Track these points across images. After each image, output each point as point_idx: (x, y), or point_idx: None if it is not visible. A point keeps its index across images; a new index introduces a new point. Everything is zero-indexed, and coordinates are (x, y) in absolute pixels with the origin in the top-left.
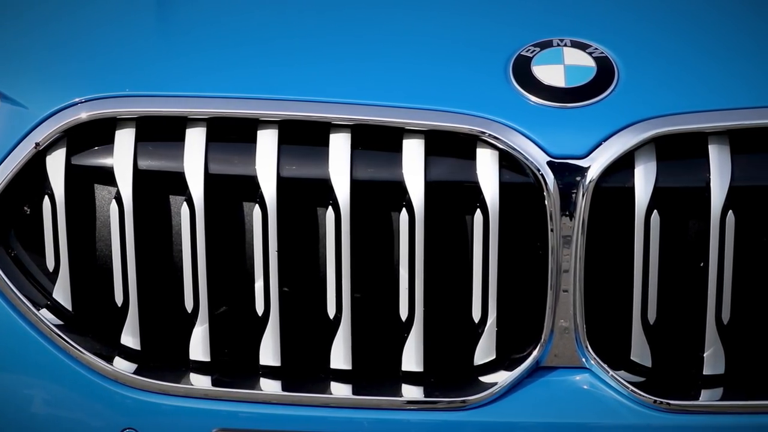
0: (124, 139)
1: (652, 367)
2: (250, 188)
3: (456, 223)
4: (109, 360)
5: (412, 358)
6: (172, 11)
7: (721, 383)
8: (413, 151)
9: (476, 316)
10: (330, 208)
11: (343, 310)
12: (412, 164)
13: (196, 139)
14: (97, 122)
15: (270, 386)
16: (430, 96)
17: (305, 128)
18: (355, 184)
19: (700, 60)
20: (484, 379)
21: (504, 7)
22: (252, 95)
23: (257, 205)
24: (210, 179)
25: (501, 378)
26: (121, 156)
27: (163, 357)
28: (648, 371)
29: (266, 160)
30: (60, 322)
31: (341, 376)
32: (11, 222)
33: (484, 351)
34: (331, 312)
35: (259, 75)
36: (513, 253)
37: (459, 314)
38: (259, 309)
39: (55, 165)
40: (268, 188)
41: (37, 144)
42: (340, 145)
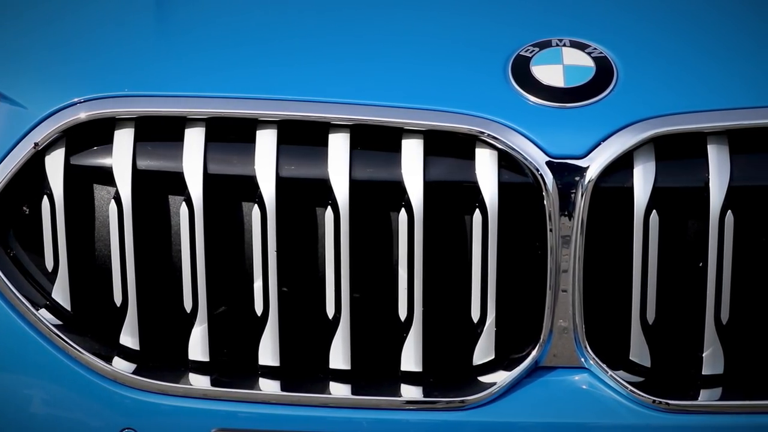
0: (123, 139)
1: (651, 367)
2: (249, 188)
3: (455, 223)
4: (108, 360)
5: (411, 358)
6: (171, 11)
7: (720, 383)
8: (412, 151)
9: (475, 316)
10: (329, 208)
11: (342, 310)
12: (411, 164)
13: (195, 139)
14: (96, 122)
15: (269, 386)
16: (429, 96)
17: (304, 128)
18: (354, 184)
19: (699, 60)
20: (483, 379)
21: (503, 7)
22: (251, 95)
23: (256, 205)
24: (209, 179)
25: (500, 378)
26: (120, 156)
27: (162, 357)
28: (647, 371)
29: (265, 160)
30: (59, 322)
31: (340, 376)
32: (10, 222)
33: (483, 351)
34: (330, 312)
35: (258, 75)
36: (512, 253)
37: (458, 314)
38: (258, 309)
39: (54, 165)
40: (267, 188)
41: (36, 144)
42: (339, 145)
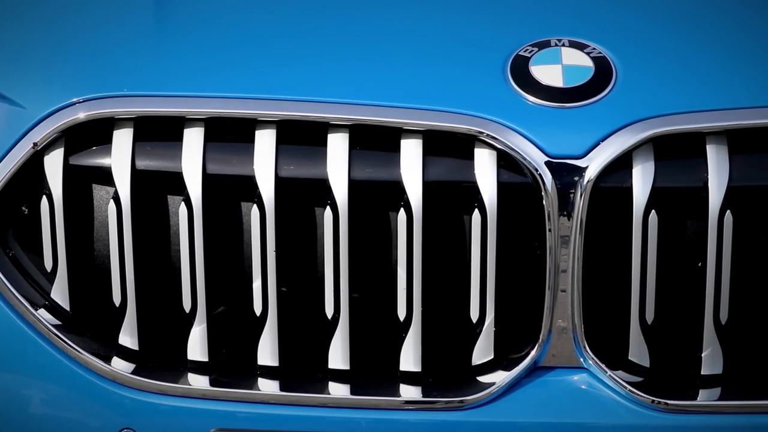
0: (122, 139)
1: (650, 367)
2: (248, 188)
3: (454, 223)
4: (107, 360)
5: (410, 358)
6: (170, 12)
7: (719, 383)
8: (411, 151)
9: (474, 316)
10: (328, 208)
11: (341, 310)
12: (410, 164)
13: (194, 139)
14: (95, 122)
15: (268, 386)
16: (428, 96)
17: (303, 128)
18: (353, 184)
19: (698, 60)
20: (482, 379)
21: (502, 6)
22: (250, 95)
23: (255, 205)
24: (208, 179)
25: (499, 378)
26: (119, 156)
27: (161, 357)
28: (646, 371)
29: (264, 160)
30: (58, 322)
31: (339, 376)
32: (9, 222)
33: (482, 351)
34: (329, 312)
35: (257, 75)
36: (511, 253)
37: (457, 314)
38: (257, 309)
39: (53, 165)
40: (266, 188)
41: (35, 144)
42: (338, 145)
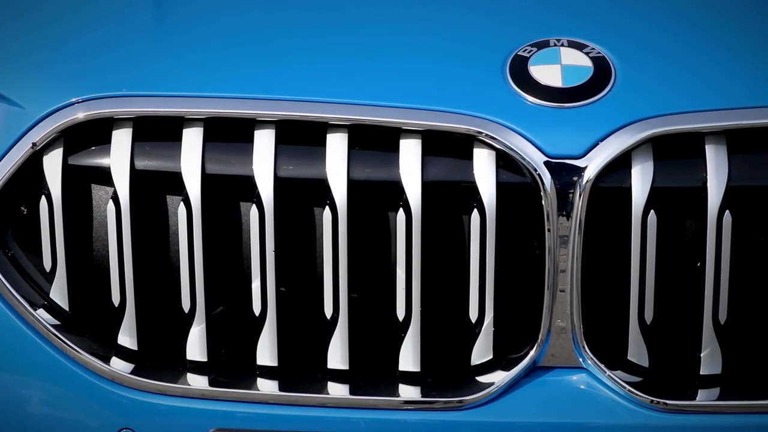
0: (121, 139)
1: (649, 367)
2: (247, 188)
3: (453, 223)
4: (106, 360)
5: (409, 358)
6: (170, 12)
7: (718, 383)
8: (410, 151)
9: (473, 316)
10: (327, 208)
11: (340, 310)
12: (409, 164)
13: (193, 139)
14: (94, 122)
15: (267, 386)
16: (427, 96)
17: (302, 128)
18: (352, 184)
19: (697, 59)
20: (481, 379)
21: (501, 6)
22: (249, 95)
23: (254, 205)
24: (207, 179)
25: (498, 378)
26: (118, 156)
27: (160, 357)
28: (645, 371)
29: (263, 160)
30: (57, 322)
31: (338, 376)
32: (8, 222)
33: (481, 351)
34: (328, 312)
35: (256, 75)
36: (510, 253)
37: (456, 314)
38: (256, 309)
39: (52, 165)
40: (265, 188)
41: (34, 144)
42: (337, 145)
